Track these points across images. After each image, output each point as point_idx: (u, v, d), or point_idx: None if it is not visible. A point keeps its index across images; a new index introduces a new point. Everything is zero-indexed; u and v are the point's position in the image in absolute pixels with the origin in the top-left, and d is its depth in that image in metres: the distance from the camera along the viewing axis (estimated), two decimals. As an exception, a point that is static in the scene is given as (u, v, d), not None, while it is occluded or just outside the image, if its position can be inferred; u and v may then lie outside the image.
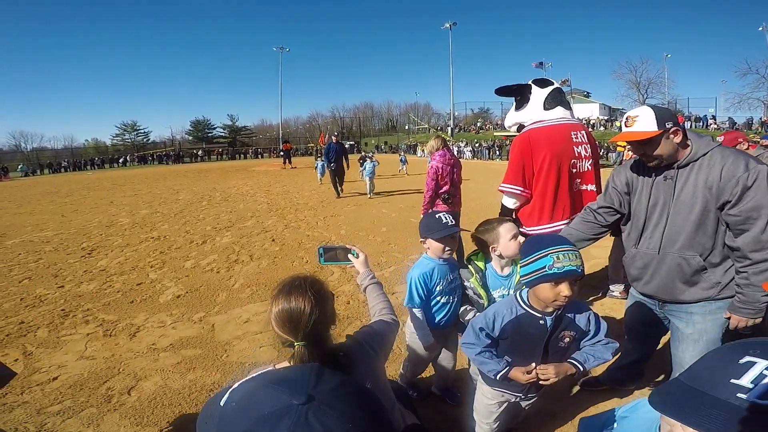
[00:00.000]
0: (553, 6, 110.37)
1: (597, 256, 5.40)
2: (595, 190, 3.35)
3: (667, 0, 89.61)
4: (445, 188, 4.43)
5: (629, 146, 1.95)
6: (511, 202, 3.23)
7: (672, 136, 1.74)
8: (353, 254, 1.73)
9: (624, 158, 22.65)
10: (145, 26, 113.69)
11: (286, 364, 1.23)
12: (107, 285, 4.74)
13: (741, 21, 70.14)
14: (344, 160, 11.61)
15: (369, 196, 11.28)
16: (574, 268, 1.43)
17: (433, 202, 4.50)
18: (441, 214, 2.13)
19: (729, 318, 1.81)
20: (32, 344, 3.34)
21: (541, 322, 1.57)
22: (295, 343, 1.14)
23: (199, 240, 6.85)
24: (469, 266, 2.13)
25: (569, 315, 1.60)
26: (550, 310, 1.55)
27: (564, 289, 1.45)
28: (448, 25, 44.61)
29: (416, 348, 2.27)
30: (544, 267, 1.45)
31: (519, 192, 3.16)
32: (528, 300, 1.60)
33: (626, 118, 1.84)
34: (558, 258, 1.43)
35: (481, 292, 2.07)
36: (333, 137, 11.50)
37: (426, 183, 4.49)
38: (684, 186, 1.78)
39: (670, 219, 1.83)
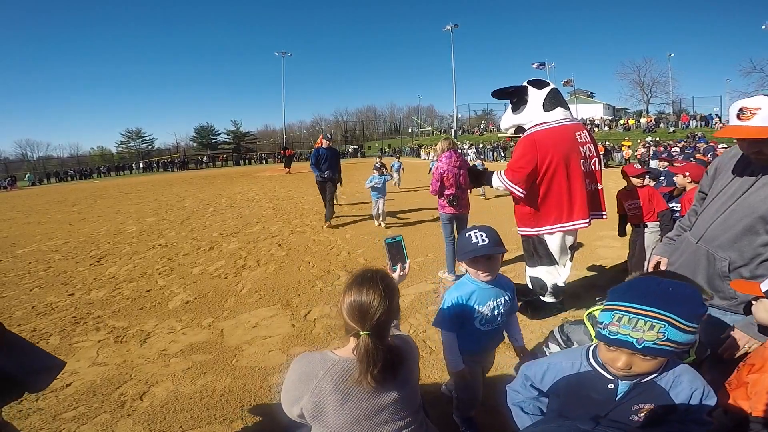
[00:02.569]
0: (556, 6, 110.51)
1: (605, 256, 5.39)
2: (602, 188, 3.38)
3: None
4: (450, 190, 4.45)
5: (737, 142, 1.68)
6: (500, 189, 3.36)
7: None
8: (402, 269, 1.77)
9: (625, 157, 22.43)
10: (147, 33, 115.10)
11: (345, 349, 1.31)
12: (117, 292, 4.79)
13: (744, 19, 69.85)
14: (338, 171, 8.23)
15: (378, 223, 7.92)
16: (631, 340, 1.04)
17: (436, 192, 4.54)
18: (472, 232, 1.87)
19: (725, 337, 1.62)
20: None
21: (610, 386, 1.19)
22: (361, 333, 1.22)
23: (206, 246, 6.90)
24: (587, 323, 1.62)
25: (661, 384, 1.16)
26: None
27: (617, 359, 1.10)
28: (449, 28, 44.78)
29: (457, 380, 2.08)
30: (602, 323, 1.11)
31: (518, 192, 3.21)
32: (600, 356, 1.22)
33: (740, 110, 1.57)
34: (618, 319, 1.06)
35: None
36: (324, 141, 8.09)
37: (431, 184, 4.54)
38: (765, 185, 1.60)
39: (727, 213, 1.69)
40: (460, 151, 4.65)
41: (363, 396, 1.25)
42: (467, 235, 1.88)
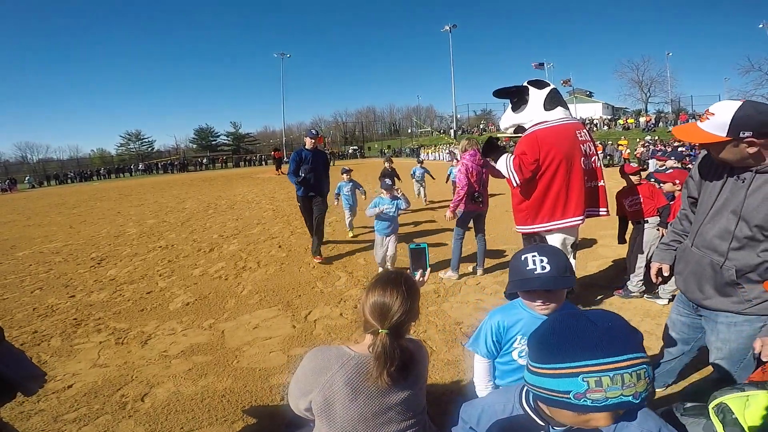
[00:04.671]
0: (554, 6, 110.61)
1: (605, 255, 5.40)
2: (604, 185, 3.42)
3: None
4: (476, 188, 4.56)
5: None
6: (501, 170, 3.37)
7: (744, 145, 1.52)
8: (422, 275, 1.81)
9: (624, 157, 22.30)
10: (146, 35, 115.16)
11: (361, 345, 1.35)
12: (117, 294, 4.80)
13: (742, 18, 69.84)
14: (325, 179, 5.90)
15: (385, 264, 4.92)
16: (627, 399, 0.84)
17: (463, 199, 4.58)
18: (530, 256, 1.46)
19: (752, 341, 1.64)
20: (46, 353, 3.39)
21: None
22: (380, 330, 1.26)
23: (206, 248, 6.90)
24: (715, 418, 1.13)
25: (602, 430, 1.01)
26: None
27: (599, 420, 0.89)
28: (448, 28, 44.91)
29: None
30: (569, 393, 0.87)
31: (514, 181, 3.26)
32: (564, 420, 1.01)
33: (705, 111, 1.61)
34: (596, 383, 0.84)
35: None
36: (308, 139, 5.82)
37: (458, 180, 4.60)
38: (754, 192, 1.60)
39: (724, 222, 1.70)
40: (457, 150, 4.72)
41: (373, 393, 1.27)
42: (523, 258, 1.47)
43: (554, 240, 3.31)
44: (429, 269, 1.82)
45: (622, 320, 0.94)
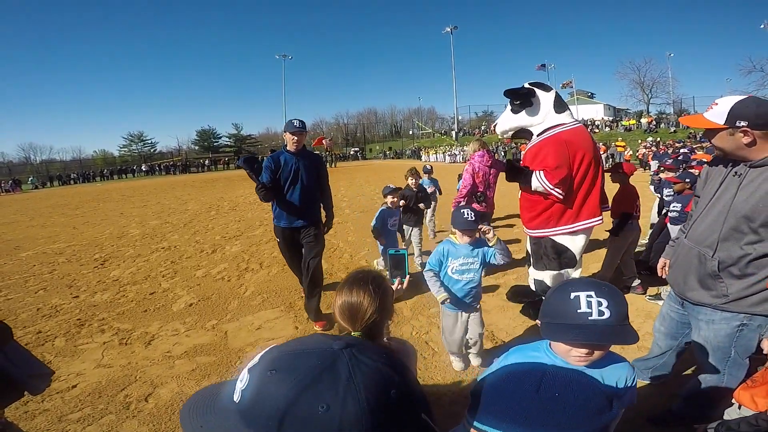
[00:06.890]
0: (555, 7, 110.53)
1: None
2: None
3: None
4: (479, 188, 4.62)
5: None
6: (538, 189, 3.15)
7: (740, 134, 1.63)
8: (401, 283, 1.70)
9: (624, 158, 22.34)
10: (149, 37, 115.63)
11: None
12: (121, 295, 4.82)
13: (743, 19, 69.73)
14: (320, 197, 4.01)
15: (462, 352, 3.00)
16: None
17: (465, 198, 4.63)
18: (584, 295, 1.07)
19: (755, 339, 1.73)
20: (50, 353, 3.41)
21: None
22: (352, 333, 1.21)
23: (209, 249, 6.93)
24: None
25: None
26: None
27: None
28: (449, 30, 44.96)
29: None
30: None
31: (557, 195, 3.05)
32: None
33: (712, 103, 1.77)
34: None
35: None
36: (289, 135, 3.54)
37: (463, 179, 4.65)
38: (746, 186, 1.68)
39: (714, 215, 1.77)
40: (492, 152, 4.77)
41: None
42: (573, 296, 1.08)
43: (578, 241, 3.20)
44: (408, 276, 1.71)
45: (581, 394, 0.73)
